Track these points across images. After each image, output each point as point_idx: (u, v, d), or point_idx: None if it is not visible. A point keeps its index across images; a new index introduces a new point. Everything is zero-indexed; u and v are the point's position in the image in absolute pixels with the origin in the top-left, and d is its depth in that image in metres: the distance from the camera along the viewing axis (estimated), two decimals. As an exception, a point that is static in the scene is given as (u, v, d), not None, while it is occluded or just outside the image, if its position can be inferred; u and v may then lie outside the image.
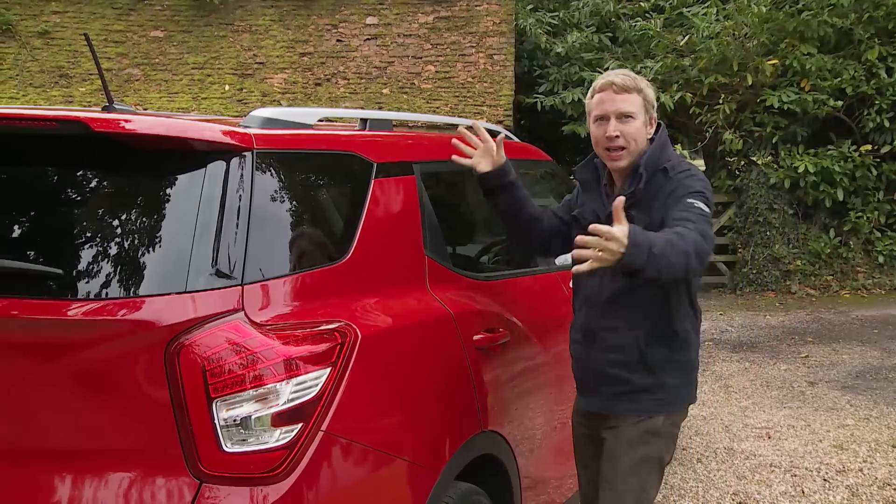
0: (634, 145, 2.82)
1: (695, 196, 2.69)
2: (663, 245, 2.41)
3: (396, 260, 2.78)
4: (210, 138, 2.29)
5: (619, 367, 2.87)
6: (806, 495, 4.90)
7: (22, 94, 12.88)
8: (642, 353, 2.84)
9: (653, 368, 2.85)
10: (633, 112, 2.82)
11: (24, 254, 2.32)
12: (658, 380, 2.86)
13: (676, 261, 2.44)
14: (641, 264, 2.37)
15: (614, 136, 2.81)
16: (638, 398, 2.87)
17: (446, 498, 2.62)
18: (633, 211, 2.73)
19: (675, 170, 2.80)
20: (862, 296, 11.75)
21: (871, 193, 12.27)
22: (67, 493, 2.16)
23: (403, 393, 2.56)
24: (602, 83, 2.86)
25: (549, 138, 15.03)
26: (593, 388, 2.97)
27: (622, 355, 2.86)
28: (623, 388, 2.87)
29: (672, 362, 2.88)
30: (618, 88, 2.82)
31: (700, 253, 2.50)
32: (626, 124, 2.81)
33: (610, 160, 2.87)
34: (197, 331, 2.12)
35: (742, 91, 12.26)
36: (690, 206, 2.65)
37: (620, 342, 2.86)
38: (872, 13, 11.75)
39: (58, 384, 2.18)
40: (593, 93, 2.90)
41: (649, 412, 2.87)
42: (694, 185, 2.74)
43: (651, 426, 2.86)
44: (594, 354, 2.93)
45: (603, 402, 2.94)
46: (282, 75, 13.28)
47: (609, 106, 2.83)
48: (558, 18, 14.24)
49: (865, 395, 6.99)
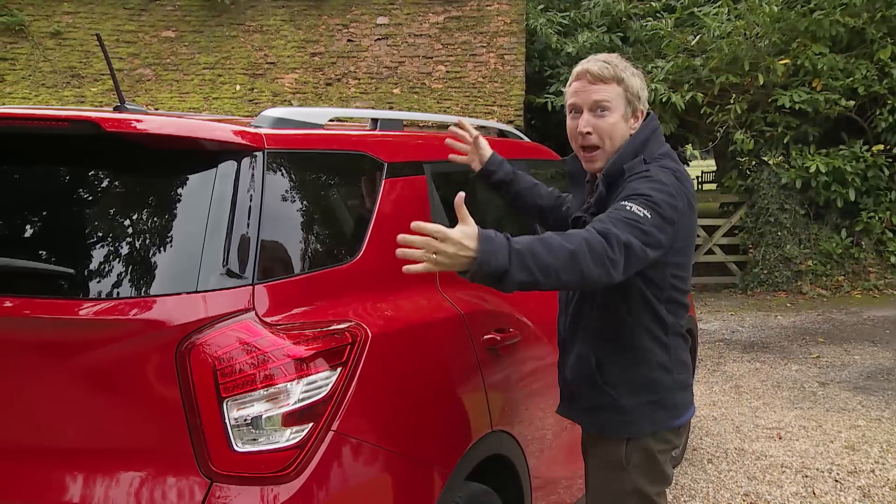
0: (609, 143, 2.55)
1: (633, 199, 2.33)
2: (531, 244, 2.11)
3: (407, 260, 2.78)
4: (221, 138, 2.30)
5: (580, 380, 2.71)
6: (817, 496, 4.89)
7: (34, 95, 12.93)
8: (594, 370, 2.63)
9: (604, 387, 2.62)
10: (608, 103, 2.53)
11: (36, 253, 2.33)
12: (612, 399, 2.61)
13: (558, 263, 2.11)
14: (503, 267, 2.05)
15: (585, 131, 2.54)
16: (597, 415, 2.68)
17: (456, 498, 2.62)
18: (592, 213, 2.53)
19: (631, 170, 2.47)
20: (874, 296, 11.70)
21: (882, 193, 12.22)
22: (79, 491, 2.16)
23: (413, 393, 2.56)
24: (578, 70, 2.58)
25: (560, 138, 14.94)
26: (566, 394, 2.84)
27: (581, 369, 2.68)
28: (584, 403, 2.72)
29: (627, 381, 2.60)
30: (593, 77, 2.54)
31: (596, 253, 2.14)
32: (600, 118, 2.53)
33: (585, 161, 2.63)
34: (208, 330, 2.12)
35: (753, 91, 12.22)
36: (620, 208, 2.31)
37: (580, 355, 2.68)
38: (885, 12, 11.70)
39: (69, 383, 2.18)
40: (571, 81, 2.62)
41: (610, 432, 2.64)
42: (640, 187, 2.38)
43: (614, 455, 2.63)
44: (564, 364, 2.80)
45: (575, 413, 2.81)
46: (292, 75, 13.30)
47: (581, 96, 2.55)
48: (569, 18, 14.24)
49: (877, 395, 6.96)
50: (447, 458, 2.62)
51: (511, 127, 4.60)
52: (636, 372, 2.61)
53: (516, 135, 4.32)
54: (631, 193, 2.36)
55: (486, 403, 2.88)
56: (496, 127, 4.43)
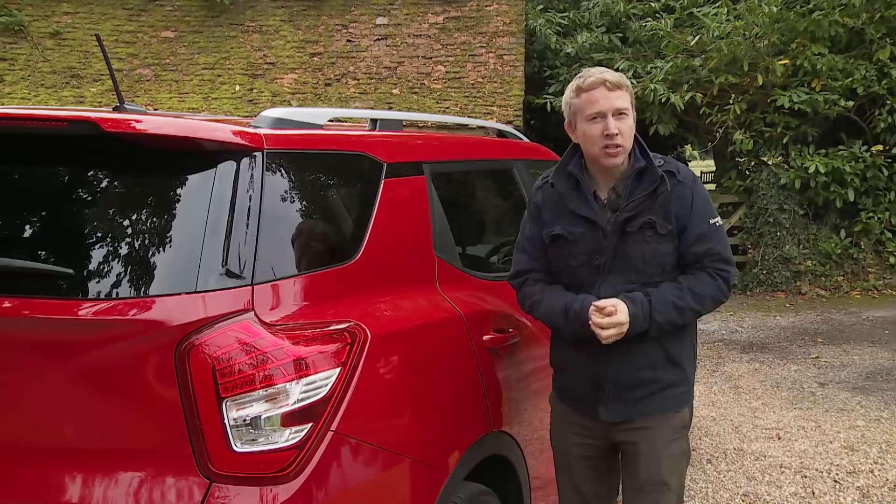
0: (629, 142, 2.78)
1: (711, 211, 2.82)
2: (671, 312, 2.73)
3: (406, 260, 2.78)
4: (220, 138, 2.30)
5: (644, 368, 2.81)
6: (816, 496, 4.89)
7: (33, 95, 12.93)
8: (665, 349, 2.82)
9: (677, 361, 2.85)
10: (626, 109, 2.76)
11: (35, 253, 2.33)
12: (683, 372, 2.88)
13: (684, 319, 2.78)
14: (643, 330, 2.71)
15: (615, 133, 2.72)
16: (668, 395, 2.85)
17: (455, 498, 2.62)
18: (650, 215, 2.74)
19: (681, 173, 2.82)
20: (873, 296, 11.70)
21: (882, 194, 12.21)
22: (78, 491, 2.16)
23: (413, 393, 2.56)
24: (591, 81, 2.76)
25: (559, 138, 14.94)
26: (615, 397, 2.83)
27: (646, 357, 2.80)
28: (650, 388, 2.82)
29: (689, 352, 2.92)
30: (611, 85, 2.75)
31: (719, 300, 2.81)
32: (621, 121, 2.74)
33: (608, 157, 2.75)
34: (207, 331, 2.12)
35: (752, 91, 12.22)
36: (713, 229, 2.80)
37: (642, 344, 2.77)
38: (884, 13, 11.69)
39: (68, 384, 2.18)
40: (578, 92, 2.78)
41: (678, 406, 2.88)
42: (705, 194, 2.84)
43: (681, 420, 2.90)
44: (615, 365, 2.80)
45: (628, 407, 2.83)
46: (292, 75, 13.30)
47: (605, 103, 2.73)
48: (568, 19, 14.23)
49: (876, 396, 6.96)
50: (446, 458, 2.62)
51: (510, 127, 4.60)
52: (690, 341, 2.96)
53: (515, 135, 4.32)
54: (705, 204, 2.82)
55: (486, 404, 2.88)
56: (495, 127, 4.43)
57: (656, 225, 2.74)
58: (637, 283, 2.76)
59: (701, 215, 2.79)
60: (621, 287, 2.76)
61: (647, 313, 2.68)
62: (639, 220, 2.75)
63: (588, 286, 2.80)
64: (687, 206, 2.78)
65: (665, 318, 2.71)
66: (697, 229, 2.78)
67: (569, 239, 2.81)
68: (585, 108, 2.77)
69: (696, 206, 2.79)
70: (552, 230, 2.86)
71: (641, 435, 2.84)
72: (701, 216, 2.79)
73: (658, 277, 2.77)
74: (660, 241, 2.76)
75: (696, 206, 2.79)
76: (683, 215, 2.77)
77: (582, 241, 2.79)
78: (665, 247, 2.76)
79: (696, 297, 2.75)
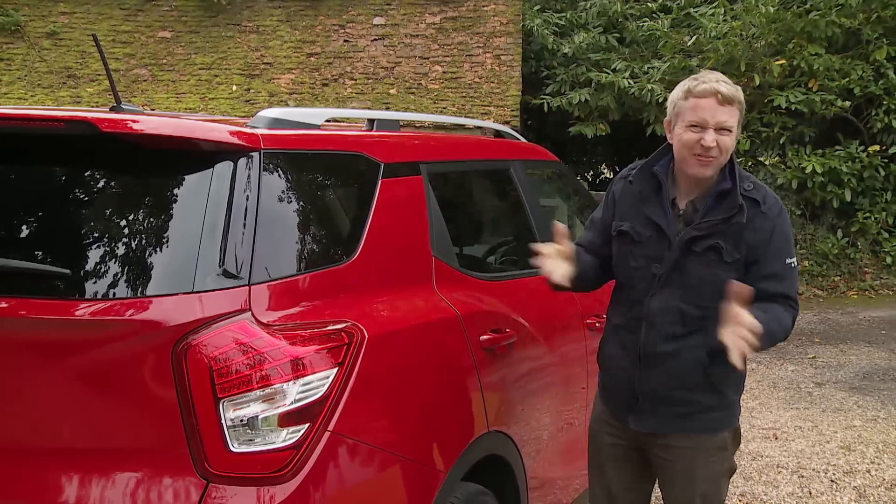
0: (724, 158, 2.66)
1: (789, 250, 2.73)
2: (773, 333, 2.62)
3: (403, 260, 2.78)
4: (217, 139, 2.29)
5: (680, 389, 2.75)
6: (813, 496, 4.89)
7: (30, 95, 12.92)
8: (706, 373, 2.72)
9: (716, 386, 2.75)
10: (732, 126, 2.63)
11: (32, 254, 2.32)
12: (723, 397, 2.79)
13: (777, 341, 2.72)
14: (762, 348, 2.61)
15: (711, 146, 2.61)
16: (704, 417, 2.77)
17: (452, 498, 2.62)
18: (722, 241, 2.66)
19: (766, 203, 2.70)
20: (870, 296, 11.72)
21: (878, 194, 12.24)
22: (75, 492, 2.16)
23: (410, 393, 2.56)
24: (705, 88, 2.63)
25: (556, 139, 15.04)
26: (649, 408, 2.80)
27: (685, 378, 2.74)
28: (687, 408, 2.77)
29: (732, 377, 2.77)
30: (723, 99, 2.60)
31: (789, 332, 2.73)
32: (723, 136, 2.62)
33: (698, 165, 2.65)
34: (204, 331, 2.12)
35: (749, 91, 12.22)
36: (787, 269, 2.71)
37: (683, 364, 2.73)
38: (881, 13, 11.73)
39: (65, 384, 2.18)
40: (688, 95, 2.66)
41: (715, 430, 2.79)
42: (788, 230, 2.75)
43: (720, 443, 2.81)
44: (653, 377, 2.77)
45: (660, 422, 2.80)
46: (289, 76, 13.30)
47: (710, 116, 2.60)
48: (565, 19, 14.24)
49: (873, 395, 6.97)
50: (444, 458, 2.62)
51: (507, 127, 4.60)
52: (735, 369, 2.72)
53: (513, 135, 4.32)
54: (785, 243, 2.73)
55: (483, 404, 2.88)
56: (492, 127, 4.43)
57: (723, 251, 2.65)
58: (691, 303, 2.69)
59: (778, 253, 2.69)
60: (673, 303, 2.71)
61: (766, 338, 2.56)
62: (706, 242, 2.67)
63: (640, 292, 2.76)
64: (764, 240, 2.67)
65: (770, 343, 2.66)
66: (771, 267, 2.68)
67: (635, 239, 2.76)
68: (689, 113, 2.64)
69: (774, 243, 2.68)
70: (621, 226, 2.82)
71: (676, 454, 2.81)
72: (777, 254, 2.69)
73: (712, 303, 2.59)
74: (723, 268, 2.65)
75: (774, 243, 2.68)
76: (757, 248, 2.66)
77: (647, 245, 2.73)
78: (727, 274, 2.62)
79: (782, 327, 2.68)
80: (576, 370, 3.65)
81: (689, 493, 2.82)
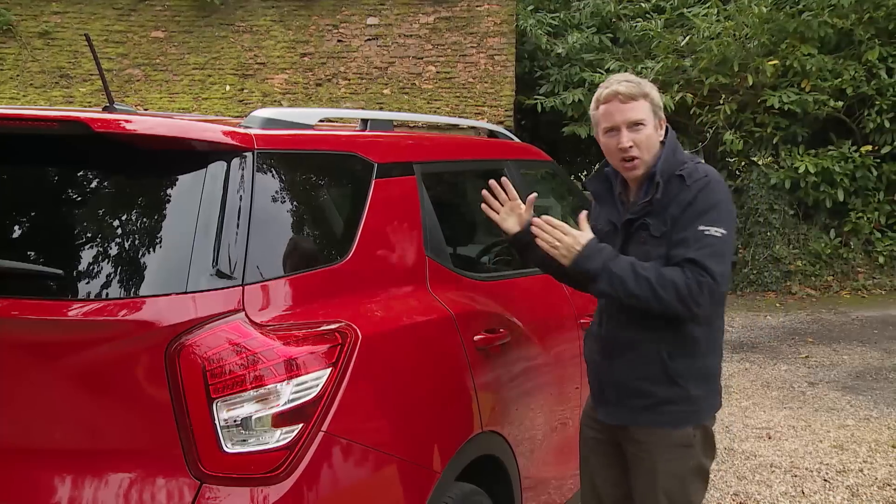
0: (648, 153, 2.76)
1: (707, 218, 2.65)
2: (627, 270, 2.65)
3: (397, 260, 2.78)
4: (211, 139, 2.29)
5: (642, 380, 2.79)
6: (806, 496, 4.90)
7: (22, 95, 12.89)
8: (665, 365, 2.76)
9: (676, 379, 2.76)
10: (642, 119, 2.74)
11: (25, 254, 2.32)
12: (683, 391, 2.78)
13: (639, 292, 2.63)
14: (594, 273, 2.68)
15: (628, 146, 2.73)
16: (664, 410, 2.78)
17: (446, 498, 2.62)
18: (649, 218, 2.73)
19: (691, 177, 2.72)
20: (862, 296, 11.75)
21: (871, 194, 12.29)
22: (68, 493, 2.15)
23: (404, 393, 2.56)
24: (606, 93, 2.77)
25: (550, 139, 15.04)
26: (615, 400, 2.88)
27: (645, 368, 2.79)
28: (648, 400, 2.79)
29: (695, 371, 2.79)
30: (624, 97, 2.73)
31: (683, 297, 2.59)
32: (637, 133, 2.73)
33: (626, 171, 2.81)
34: (197, 331, 2.12)
35: (743, 91, 12.27)
36: (699, 236, 2.63)
37: (643, 355, 2.79)
38: (873, 14, 11.77)
39: (58, 385, 2.17)
40: (597, 104, 2.81)
41: (676, 424, 2.79)
42: (711, 199, 2.68)
43: (682, 439, 2.80)
44: (616, 367, 2.85)
45: (627, 414, 2.85)
46: (282, 76, 13.29)
47: (618, 116, 2.74)
48: (559, 19, 14.26)
49: (866, 395, 6.99)
50: (437, 458, 2.62)
51: (501, 127, 4.60)
52: (703, 361, 2.82)
53: (506, 135, 4.32)
54: (703, 211, 2.67)
55: (477, 404, 2.88)
56: (486, 127, 4.43)
57: (650, 227, 2.73)
58: None
59: (690, 221, 2.66)
60: None
61: (607, 258, 2.66)
62: (637, 223, 2.77)
63: None
64: (682, 210, 2.69)
65: (620, 273, 2.63)
66: (681, 234, 2.67)
67: (600, 236, 2.84)
68: (602, 121, 2.80)
69: (689, 211, 2.67)
70: (595, 224, 2.94)
71: (637, 446, 2.85)
72: (690, 222, 2.66)
73: None
74: (652, 243, 2.73)
75: (689, 211, 2.67)
76: (677, 219, 2.69)
77: (607, 240, 2.82)
78: (658, 249, 2.71)
79: (659, 277, 2.60)
80: (570, 370, 3.65)
81: (652, 489, 2.83)
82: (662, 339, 2.76)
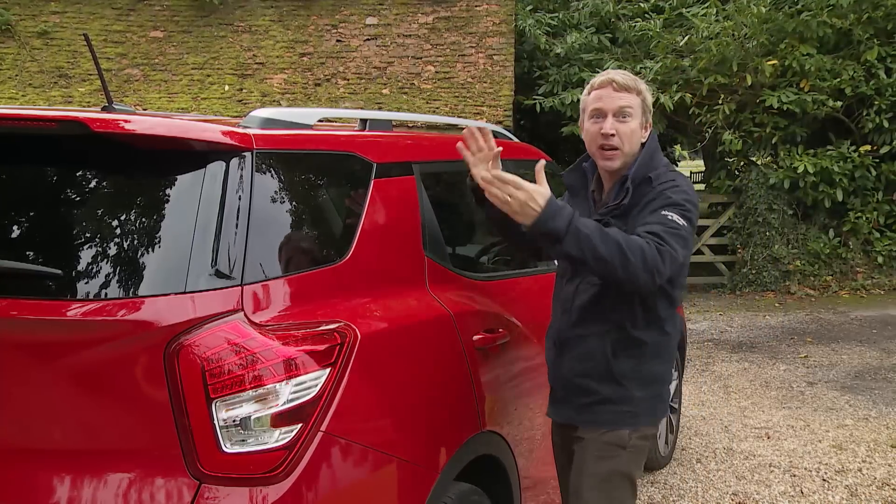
0: (628, 147, 2.76)
1: (671, 208, 2.61)
2: (595, 230, 2.44)
3: (396, 260, 2.78)
4: (210, 138, 2.29)
5: (585, 376, 2.80)
6: (805, 495, 4.91)
7: (21, 95, 12.88)
8: (609, 364, 2.76)
9: (619, 380, 2.76)
10: (630, 111, 2.75)
11: (24, 254, 2.32)
12: (625, 391, 2.77)
13: (607, 253, 2.41)
14: (559, 233, 2.41)
15: (610, 133, 2.74)
16: (603, 409, 2.79)
17: (445, 498, 2.62)
18: (615, 220, 2.70)
19: (658, 179, 2.72)
20: (861, 296, 11.75)
21: (870, 194, 12.29)
22: (66, 493, 2.15)
23: (403, 393, 2.56)
24: (602, 80, 2.80)
25: (549, 139, 15.05)
26: (562, 397, 2.92)
27: (590, 365, 2.79)
28: (590, 398, 2.80)
29: (640, 374, 2.78)
30: (618, 86, 2.76)
31: (649, 263, 2.45)
32: (622, 123, 2.74)
33: (603, 159, 2.80)
34: (196, 331, 2.12)
35: (741, 91, 12.27)
36: (663, 219, 2.58)
37: (589, 351, 2.79)
38: (872, 14, 11.76)
39: (57, 385, 2.17)
40: (591, 89, 2.82)
41: (614, 424, 2.78)
42: (674, 196, 2.65)
43: (616, 438, 2.77)
44: (564, 362, 2.88)
45: (571, 411, 2.88)
46: (281, 75, 13.28)
47: (608, 102, 2.76)
48: (558, 19, 14.25)
49: (864, 395, 6.99)
50: (437, 458, 2.62)
51: (500, 127, 4.60)
52: (649, 365, 2.80)
53: (505, 135, 4.32)
54: (667, 203, 2.63)
55: (476, 404, 2.89)
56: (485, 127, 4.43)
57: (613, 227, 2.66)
58: (594, 285, 2.76)
59: (655, 208, 2.63)
60: (581, 287, 2.81)
61: (570, 216, 2.43)
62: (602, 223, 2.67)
63: (568, 279, 2.89)
64: (646, 205, 2.68)
65: (588, 232, 2.42)
66: (643, 219, 2.63)
67: None
68: (590, 105, 2.81)
69: (653, 203, 2.65)
70: None
71: (577, 444, 2.85)
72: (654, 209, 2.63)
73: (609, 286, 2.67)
74: None
75: (653, 203, 2.65)
76: (640, 213, 2.68)
77: None
78: None
79: (627, 240, 2.46)
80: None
81: (576, 485, 2.82)
82: (609, 337, 2.76)
